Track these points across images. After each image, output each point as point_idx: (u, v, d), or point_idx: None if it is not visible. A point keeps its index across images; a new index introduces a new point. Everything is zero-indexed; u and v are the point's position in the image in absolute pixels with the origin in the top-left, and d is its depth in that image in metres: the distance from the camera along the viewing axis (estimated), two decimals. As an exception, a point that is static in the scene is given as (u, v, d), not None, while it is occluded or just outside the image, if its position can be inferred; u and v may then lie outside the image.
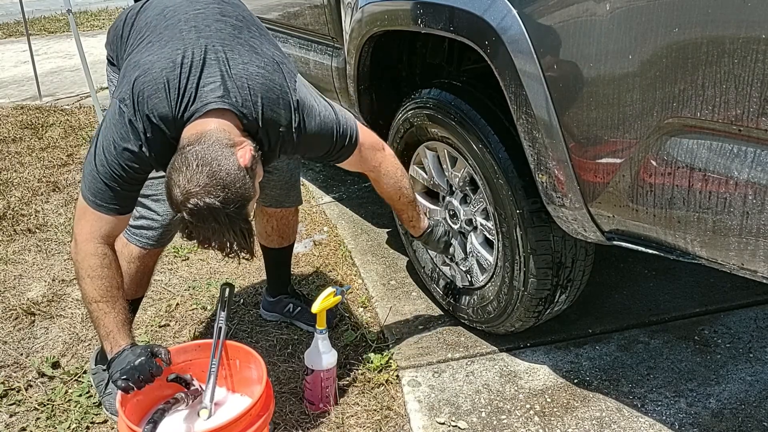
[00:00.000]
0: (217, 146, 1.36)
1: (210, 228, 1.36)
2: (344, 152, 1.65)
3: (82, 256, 1.53)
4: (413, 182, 2.23)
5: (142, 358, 1.48)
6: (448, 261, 2.14)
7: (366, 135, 1.69)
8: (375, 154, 1.72)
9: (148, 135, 1.43)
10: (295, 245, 2.74)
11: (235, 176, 1.35)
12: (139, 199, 1.61)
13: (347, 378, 1.93)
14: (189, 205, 1.33)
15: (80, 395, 1.94)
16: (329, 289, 1.80)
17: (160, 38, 1.51)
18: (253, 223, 2.08)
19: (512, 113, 1.54)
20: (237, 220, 1.37)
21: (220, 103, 1.41)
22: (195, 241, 1.41)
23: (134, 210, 1.64)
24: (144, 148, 1.44)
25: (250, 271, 2.58)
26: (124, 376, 1.45)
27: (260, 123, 1.47)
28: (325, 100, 1.62)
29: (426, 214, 1.98)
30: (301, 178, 3.45)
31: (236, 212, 1.36)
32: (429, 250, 2.18)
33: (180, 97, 1.42)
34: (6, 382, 2.04)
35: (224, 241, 1.39)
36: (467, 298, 2.06)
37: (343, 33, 2.28)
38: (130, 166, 1.45)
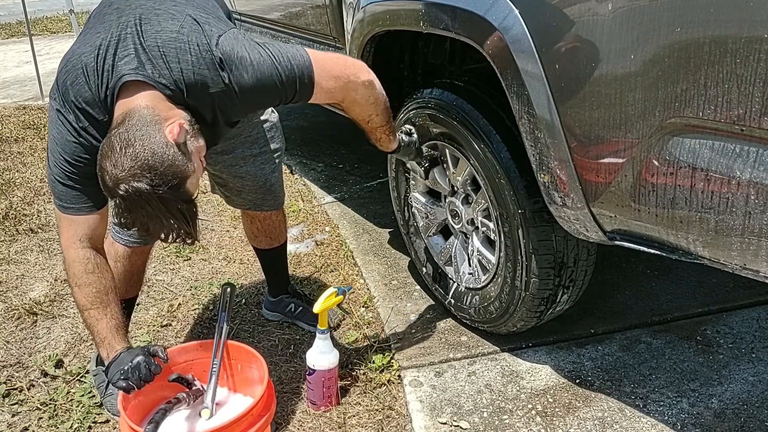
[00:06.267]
0: (139, 124, 1.31)
1: (144, 213, 1.31)
2: (300, 95, 1.49)
3: (68, 264, 1.51)
4: (415, 182, 2.23)
5: (140, 357, 1.47)
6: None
7: (327, 69, 1.50)
8: (342, 86, 1.54)
9: (80, 123, 1.40)
10: (297, 245, 2.75)
11: (162, 155, 1.29)
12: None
13: (349, 378, 1.93)
14: (120, 192, 1.28)
15: (82, 395, 1.94)
16: (331, 289, 1.80)
17: (87, 29, 1.50)
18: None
19: (514, 113, 1.54)
20: (172, 201, 1.31)
21: (134, 74, 1.36)
22: (134, 229, 1.36)
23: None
24: (82, 138, 1.41)
25: (252, 272, 2.58)
26: (124, 377, 1.45)
27: (185, 91, 1.40)
28: (264, 46, 1.45)
29: (401, 136, 1.86)
30: (303, 178, 3.48)
31: (170, 193, 1.30)
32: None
33: (99, 79, 1.38)
34: (8, 381, 2.04)
35: (162, 226, 1.33)
36: (469, 298, 2.06)
37: (345, 33, 2.28)
38: (78, 159, 1.43)
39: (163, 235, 1.37)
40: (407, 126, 1.95)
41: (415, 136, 1.92)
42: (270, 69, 1.43)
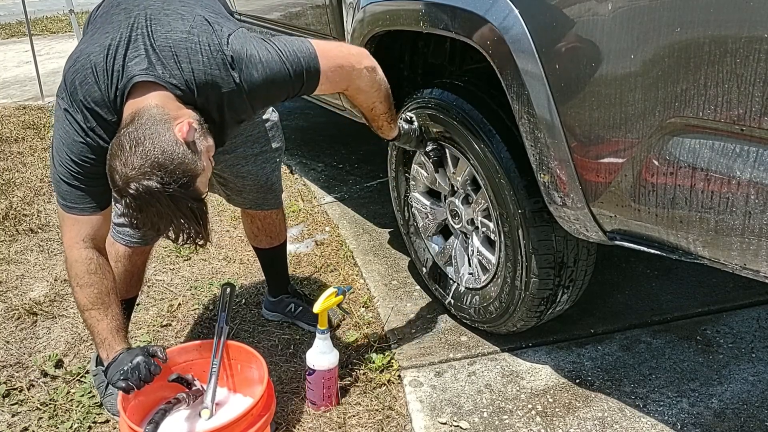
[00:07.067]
0: (149, 123, 1.30)
1: (155, 212, 1.30)
2: (307, 87, 1.50)
3: (69, 264, 1.51)
4: (415, 182, 2.23)
5: (140, 357, 1.47)
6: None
7: (331, 58, 1.51)
8: (346, 75, 1.56)
9: (88, 124, 1.40)
10: (297, 245, 2.75)
11: (172, 153, 1.29)
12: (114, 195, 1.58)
13: (349, 378, 1.93)
14: (130, 191, 1.28)
15: (82, 395, 1.94)
16: (331, 290, 1.80)
17: (94, 29, 1.49)
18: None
19: (514, 113, 1.54)
20: (183, 200, 1.31)
21: (145, 75, 1.36)
22: (142, 230, 1.34)
23: (115, 206, 1.60)
24: (89, 138, 1.41)
25: (252, 272, 2.58)
26: (123, 377, 1.45)
27: (195, 91, 1.40)
28: (271, 41, 1.46)
29: (401, 123, 1.86)
30: (303, 178, 3.48)
31: (181, 192, 1.30)
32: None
33: (109, 79, 1.38)
34: (8, 381, 2.04)
35: (173, 225, 1.33)
36: (469, 298, 2.06)
37: (345, 33, 2.28)
38: (85, 159, 1.42)
39: (173, 235, 1.36)
40: (407, 114, 1.96)
41: (415, 123, 1.93)
42: (279, 65, 1.43)
